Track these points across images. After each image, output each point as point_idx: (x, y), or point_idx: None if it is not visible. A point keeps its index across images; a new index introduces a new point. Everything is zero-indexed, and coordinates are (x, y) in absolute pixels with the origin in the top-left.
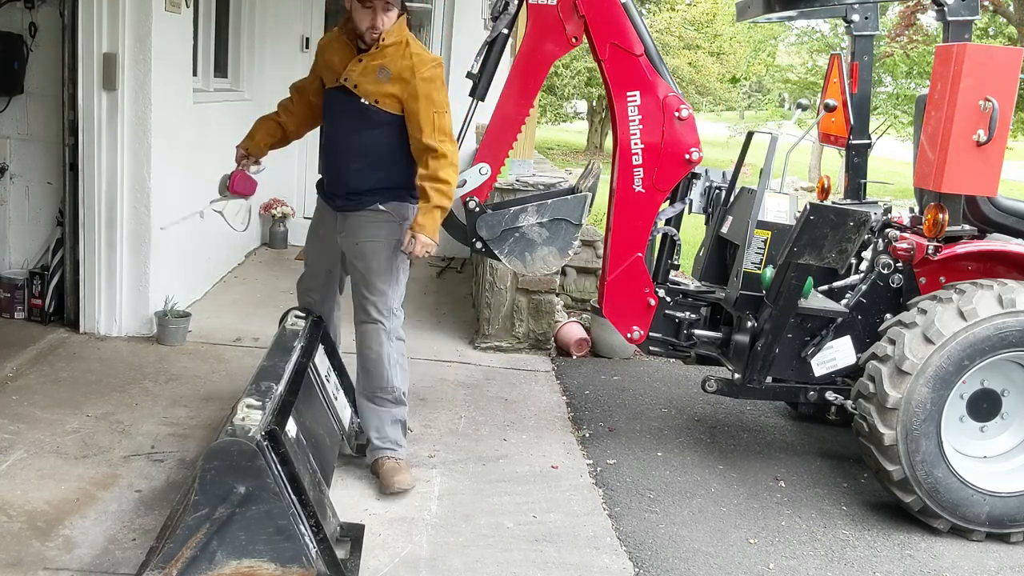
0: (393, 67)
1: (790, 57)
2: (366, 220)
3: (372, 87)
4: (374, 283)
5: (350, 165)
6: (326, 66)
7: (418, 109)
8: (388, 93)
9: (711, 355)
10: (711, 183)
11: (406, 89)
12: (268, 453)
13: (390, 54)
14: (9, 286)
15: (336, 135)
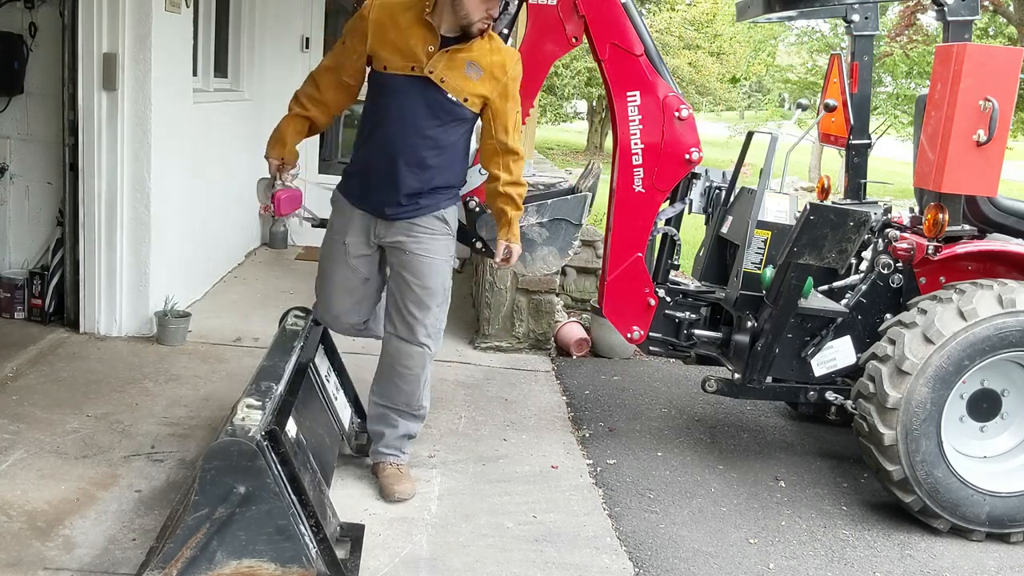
0: (483, 63)
1: (790, 57)
2: (425, 231)
3: (461, 83)
4: (427, 304)
5: (414, 164)
6: (393, 46)
7: (506, 110)
8: (477, 92)
9: (711, 355)
10: (711, 183)
11: (496, 88)
12: (268, 453)
13: (477, 48)
14: (9, 286)
15: (400, 129)
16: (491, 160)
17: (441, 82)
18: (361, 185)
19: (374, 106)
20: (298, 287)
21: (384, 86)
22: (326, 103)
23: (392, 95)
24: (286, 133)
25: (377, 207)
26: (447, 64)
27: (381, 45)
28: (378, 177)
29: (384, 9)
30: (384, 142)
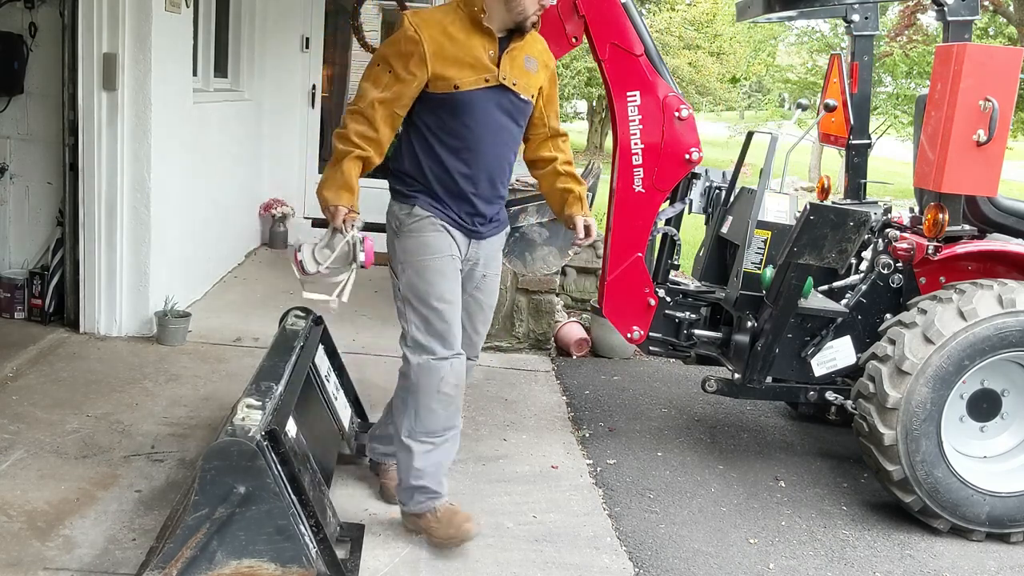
0: (535, 53)
1: (790, 57)
2: (499, 247)
3: (527, 80)
4: (486, 321)
5: (501, 179)
6: (458, 63)
7: (554, 96)
8: (537, 85)
9: (711, 355)
10: (711, 183)
11: (547, 75)
12: (268, 453)
13: (527, 40)
14: (9, 286)
15: (485, 145)
16: (543, 145)
17: (513, 85)
18: (455, 207)
19: (449, 129)
20: (298, 287)
21: (461, 105)
22: (380, 141)
23: (473, 112)
24: (352, 178)
25: (474, 228)
26: (511, 65)
27: (444, 65)
28: (479, 200)
29: (433, 27)
30: (478, 161)
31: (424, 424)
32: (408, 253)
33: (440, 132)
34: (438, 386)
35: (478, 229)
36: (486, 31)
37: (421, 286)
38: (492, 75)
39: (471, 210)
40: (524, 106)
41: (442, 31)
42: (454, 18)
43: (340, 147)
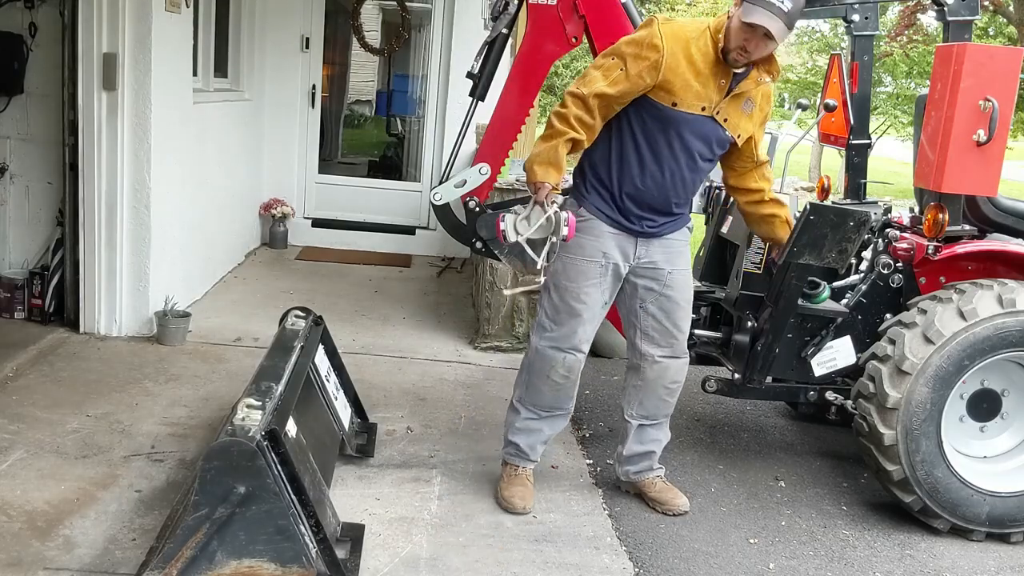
0: (754, 95)
1: (790, 57)
2: (683, 244)
3: (739, 120)
4: (686, 316)
5: (679, 193)
6: (683, 87)
7: (761, 132)
8: (747, 128)
9: (711, 355)
10: (711, 183)
11: (759, 118)
12: (268, 453)
13: (752, 78)
14: (9, 286)
15: (672, 163)
16: (749, 176)
17: (724, 121)
18: (626, 210)
19: (651, 140)
20: (298, 287)
21: (669, 121)
22: (594, 128)
23: (676, 132)
24: (562, 158)
25: (641, 228)
26: (730, 103)
27: (674, 81)
28: (651, 207)
29: (676, 41)
30: (660, 173)
31: (532, 398)
32: (563, 246)
33: (641, 140)
34: (548, 372)
35: (646, 230)
36: (711, 58)
37: (563, 280)
38: (710, 106)
39: (640, 214)
40: (728, 142)
41: (684, 48)
42: (702, 42)
43: (558, 126)
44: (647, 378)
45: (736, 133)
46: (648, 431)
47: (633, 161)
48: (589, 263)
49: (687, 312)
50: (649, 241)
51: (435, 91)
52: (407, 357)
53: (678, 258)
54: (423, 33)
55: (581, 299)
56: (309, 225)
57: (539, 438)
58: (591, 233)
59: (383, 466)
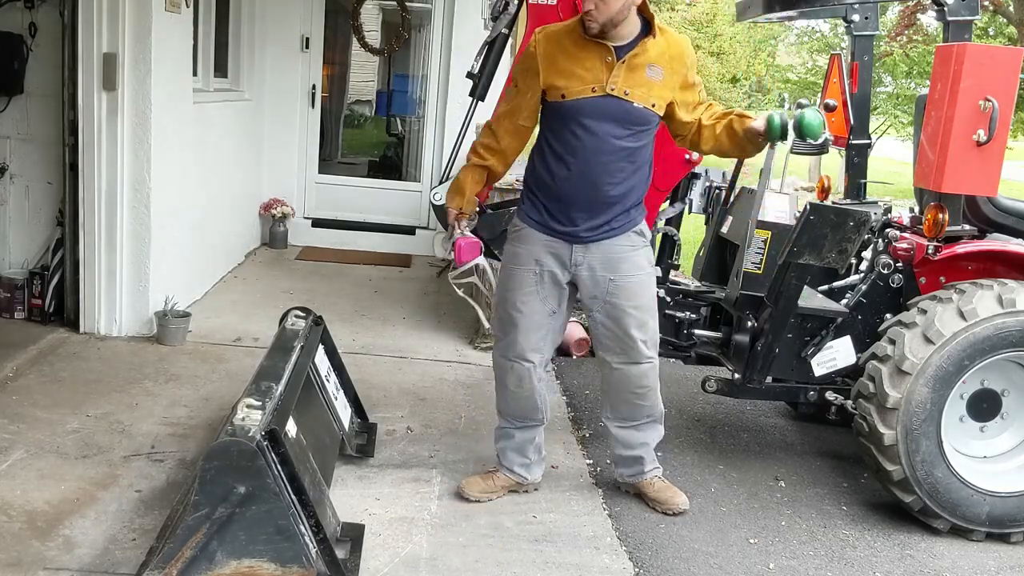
0: (662, 62)
1: (790, 57)
2: (624, 249)
3: (644, 89)
4: (646, 321)
5: (609, 184)
6: (565, 75)
7: (687, 99)
8: (661, 94)
9: (711, 355)
10: (711, 183)
11: (679, 83)
12: (268, 453)
13: (653, 48)
14: (9, 286)
15: (589, 151)
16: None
17: (625, 94)
18: (555, 212)
19: (558, 136)
20: (298, 287)
21: (567, 113)
22: (503, 151)
23: (576, 121)
24: (465, 184)
25: (574, 232)
26: (627, 75)
27: (555, 76)
28: (578, 203)
29: (549, 39)
30: (576, 167)
31: (500, 406)
32: (504, 256)
33: (552, 139)
34: (503, 380)
35: (580, 235)
36: (589, 42)
37: (502, 290)
38: (601, 85)
39: (569, 215)
40: (642, 114)
41: (557, 42)
42: (574, 28)
43: (468, 156)
44: (611, 383)
45: (649, 102)
46: (631, 434)
47: (550, 161)
48: (524, 271)
49: (640, 318)
50: (586, 247)
51: (435, 91)
52: (407, 357)
53: (621, 264)
54: (423, 33)
55: (518, 307)
56: (309, 225)
57: (510, 445)
58: (524, 241)
59: (383, 466)
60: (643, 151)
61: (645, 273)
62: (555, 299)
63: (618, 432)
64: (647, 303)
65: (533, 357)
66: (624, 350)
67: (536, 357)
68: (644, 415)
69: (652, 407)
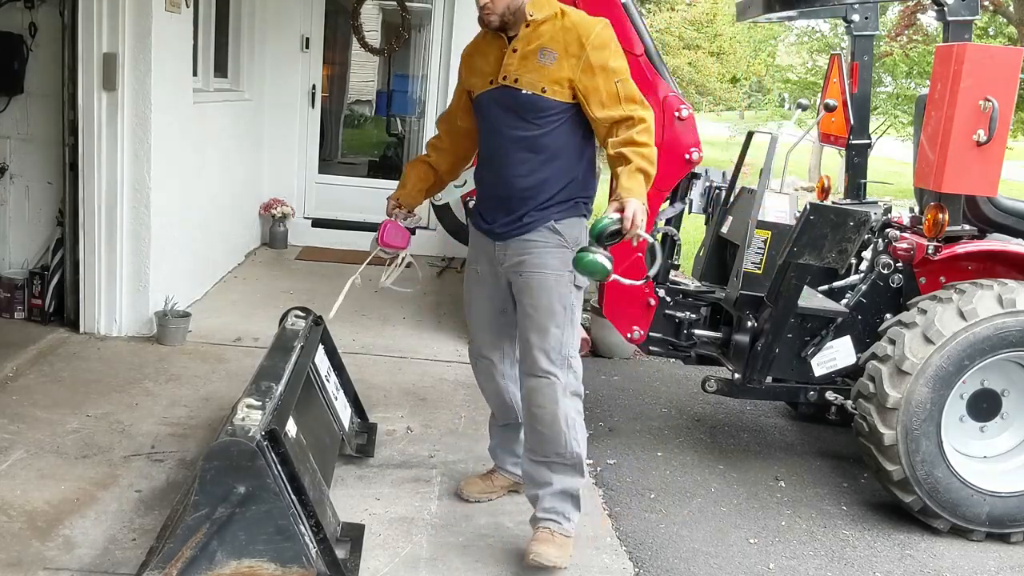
0: (556, 45)
1: (790, 57)
2: (534, 245)
3: (535, 75)
4: (545, 325)
5: (515, 177)
6: (475, 73)
7: (597, 84)
8: (556, 78)
9: (711, 355)
10: (711, 183)
11: (577, 65)
12: (268, 453)
13: (547, 32)
14: (9, 286)
15: (495, 145)
16: (603, 137)
17: (515, 82)
18: (481, 211)
19: (480, 132)
20: (298, 287)
21: (478, 109)
22: (448, 149)
23: (482, 116)
24: (408, 177)
25: (492, 228)
26: (519, 60)
27: (469, 75)
28: (487, 201)
29: (474, 41)
30: (487, 164)
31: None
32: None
33: (477, 141)
34: (475, 375)
35: (496, 230)
36: (494, 41)
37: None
38: (496, 76)
39: (494, 214)
40: (539, 103)
41: (476, 45)
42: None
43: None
44: (522, 399)
45: (538, 87)
46: (535, 469)
47: (480, 161)
48: (469, 270)
49: (538, 322)
50: (506, 244)
51: (435, 91)
52: (407, 357)
53: (526, 261)
54: (423, 33)
55: (469, 305)
56: (309, 225)
57: (498, 443)
58: (471, 241)
59: (383, 466)
60: (548, 139)
61: (551, 272)
62: (500, 299)
63: (524, 460)
64: (549, 306)
65: (491, 354)
66: (529, 355)
67: (495, 355)
68: (551, 451)
69: (556, 440)
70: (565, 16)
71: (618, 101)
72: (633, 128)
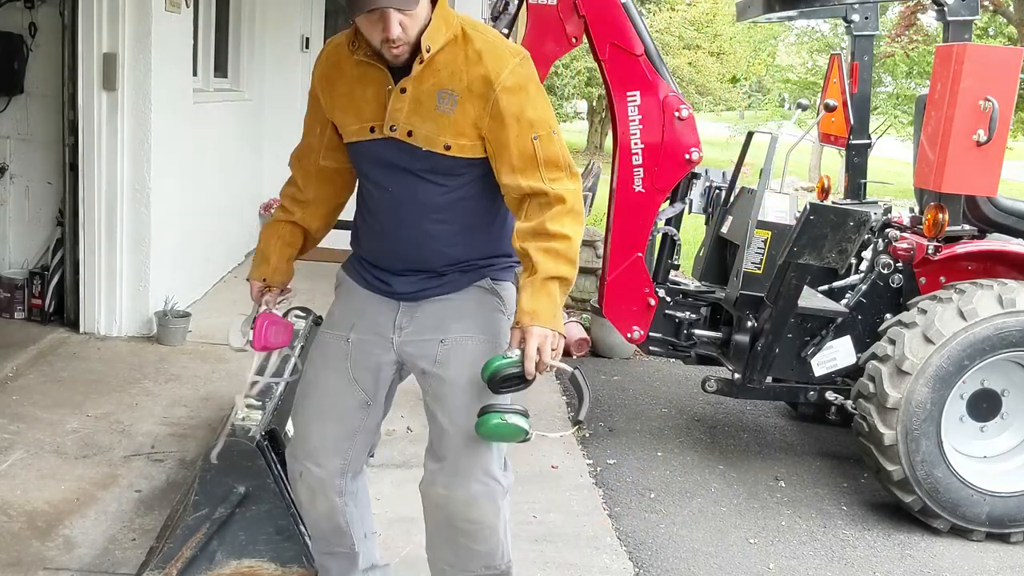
0: (457, 83)
1: (790, 57)
2: (463, 306)
3: (433, 126)
4: (459, 423)
5: (423, 250)
6: (345, 108)
7: (506, 139)
8: (461, 128)
9: (711, 355)
10: (711, 183)
11: (484, 110)
12: (268, 453)
13: (445, 64)
14: (9, 286)
15: (384, 210)
16: (513, 208)
17: (408, 136)
18: (372, 261)
19: (360, 184)
20: (298, 287)
21: (354, 158)
22: (309, 200)
23: (364, 171)
24: (269, 247)
25: (392, 287)
26: (412, 105)
27: (334, 106)
28: (394, 269)
29: (329, 59)
30: (384, 231)
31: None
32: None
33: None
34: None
35: (400, 289)
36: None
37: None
38: (379, 124)
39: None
40: (442, 163)
41: (336, 63)
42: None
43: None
44: (428, 508)
45: (439, 144)
46: None
47: (360, 211)
48: (331, 339)
49: (471, 406)
50: (416, 305)
51: None
52: None
53: (456, 323)
54: None
55: (309, 389)
56: None
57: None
58: (343, 298)
59: (383, 466)
60: (461, 204)
61: (488, 339)
62: (372, 384)
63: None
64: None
65: (327, 463)
66: (443, 454)
67: (333, 464)
68: (482, 565)
69: (491, 555)
70: (468, 42)
71: (534, 165)
72: (548, 210)
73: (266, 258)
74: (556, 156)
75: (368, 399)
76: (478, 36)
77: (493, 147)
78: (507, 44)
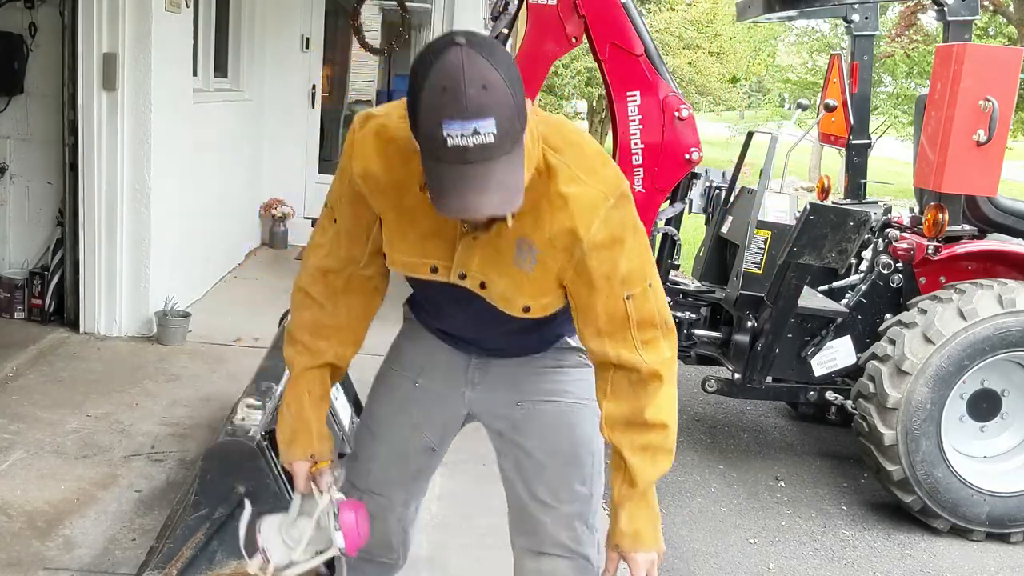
0: (539, 234)
1: (790, 57)
2: (542, 365)
3: (510, 283)
4: (567, 479)
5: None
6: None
7: (594, 302)
8: (542, 287)
9: (711, 355)
10: (711, 183)
11: (568, 264)
12: (268, 453)
13: (527, 206)
14: (9, 286)
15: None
16: (600, 375)
17: (482, 288)
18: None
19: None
20: None
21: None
22: (343, 326)
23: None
24: (304, 410)
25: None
26: (482, 256)
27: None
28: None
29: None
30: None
31: None
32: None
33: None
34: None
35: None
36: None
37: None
38: (444, 265)
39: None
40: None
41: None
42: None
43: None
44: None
45: (518, 305)
46: None
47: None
48: (400, 376)
49: (560, 475)
50: (488, 363)
51: None
52: None
53: (533, 385)
54: (423, 33)
55: (374, 421)
56: (309, 225)
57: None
58: (412, 338)
59: None
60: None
61: (574, 402)
62: (438, 432)
63: None
64: (571, 452)
65: (392, 494)
66: (530, 529)
67: (397, 495)
68: None
69: None
70: (553, 177)
71: (625, 328)
72: (642, 390)
73: (306, 426)
74: (651, 315)
75: (434, 446)
76: (563, 168)
77: (576, 303)
78: (598, 175)
